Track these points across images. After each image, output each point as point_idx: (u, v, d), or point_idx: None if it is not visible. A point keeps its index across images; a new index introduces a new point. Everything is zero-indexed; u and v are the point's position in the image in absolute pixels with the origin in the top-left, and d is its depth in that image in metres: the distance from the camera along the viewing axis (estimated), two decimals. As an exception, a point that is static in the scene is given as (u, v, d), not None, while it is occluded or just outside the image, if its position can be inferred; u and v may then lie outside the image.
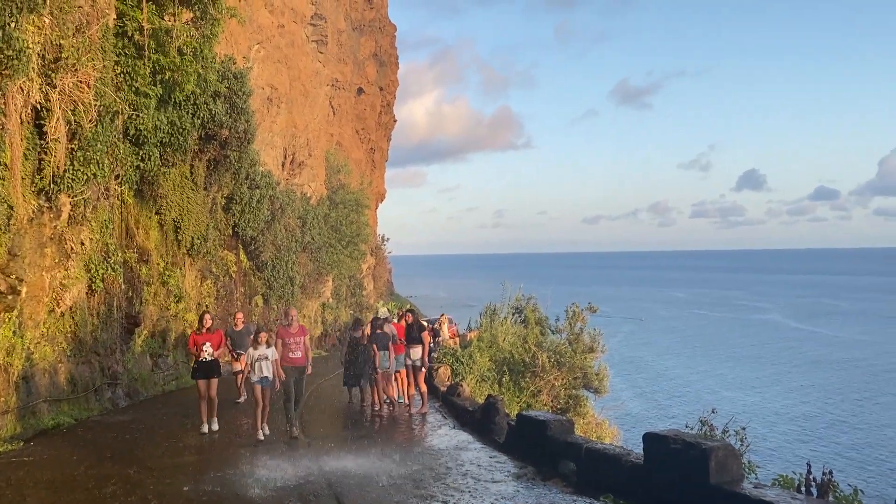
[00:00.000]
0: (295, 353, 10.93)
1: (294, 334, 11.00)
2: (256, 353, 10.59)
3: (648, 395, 39.69)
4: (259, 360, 10.54)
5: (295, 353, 10.93)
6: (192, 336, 11.27)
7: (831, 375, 45.95)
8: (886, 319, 76.92)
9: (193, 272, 18.15)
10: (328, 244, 28.37)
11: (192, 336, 11.32)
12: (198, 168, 17.98)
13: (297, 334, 11.04)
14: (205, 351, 10.94)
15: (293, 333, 10.99)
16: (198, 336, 11.14)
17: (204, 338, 11.08)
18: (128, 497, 7.46)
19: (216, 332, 11.41)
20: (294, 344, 10.94)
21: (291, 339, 10.94)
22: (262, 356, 10.55)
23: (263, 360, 10.53)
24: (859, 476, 20.70)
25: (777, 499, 6.34)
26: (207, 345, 11.00)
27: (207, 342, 11.03)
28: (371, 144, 42.80)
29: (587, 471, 8.36)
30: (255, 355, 10.57)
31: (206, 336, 11.10)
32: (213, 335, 11.24)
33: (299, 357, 10.99)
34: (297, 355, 10.95)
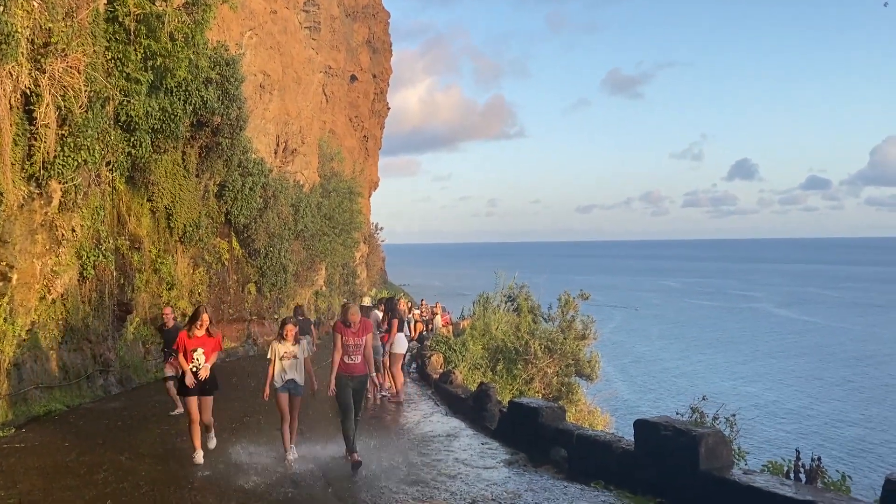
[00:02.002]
0: (353, 358, 8.52)
1: (355, 334, 8.52)
2: (281, 349, 8.59)
3: (640, 383, 39.91)
4: (284, 360, 8.56)
5: (353, 359, 8.52)
6: (183, 336, 8.63)
7: (821, 364, 46.27)
8: (876, 308, 77.41)
9: (186, 260, 18.10)
10: (321, 232, 28.32)
11: (181, 336, 8.68)
12: (190, 155, 17.89)
13: (359, 333, 8.56)
14: (196, 360, 8.49)
15: (354, 333, 8.52)
16: (189, 338, 8.56)
17: (197, 342, 8.56)
18: (120, 483, 7.47)
19: (214, 336, 8.79)
20: (354, 348, 8.52)
21: (351, 339, 8.52)
22: (288, 355, 8.59)
23: (290, 361, 8.58)
24: (847, 462, 20.94)
25: (766, 484, 6.39)
26: (199, 351, 8.52)
27: (200, 348, 8.53)
28: (364, 132, 42.66)
29: (578, 457, 8.41)
30: (280, 352, 8.58)
31: (198, 340, 8.56)
32: (211, 339, 8.69)
33: (358, 364, 8.54)
34: (355, 361, 8.52)
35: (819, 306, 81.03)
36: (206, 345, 8.64)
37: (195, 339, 8.58)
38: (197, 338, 8.59)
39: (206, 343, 8.64)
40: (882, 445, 27.81)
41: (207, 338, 8.67)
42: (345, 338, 8.52)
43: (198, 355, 8.55)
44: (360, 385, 8.62)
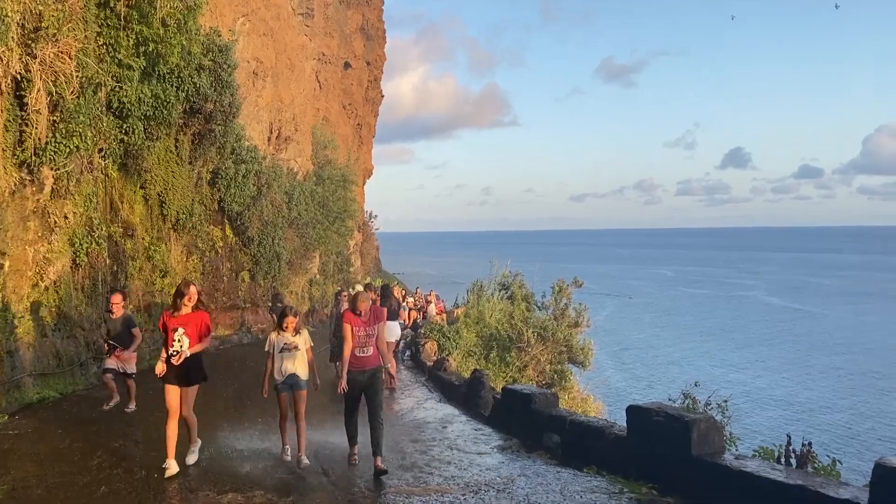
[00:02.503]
0: (364, 350, 7.49)
1: (365, 323, 7.51)
2: (280, 341, 7.66)
3: (633, 371, 40.10)
4: (284, 353, 7.66)
5: (364, 351, 7.49)
6: (163, 318, 7.46)
7: (812, 351, 46.57)
8: (866, 297, 77.83)
9: (179, 247, 18.05)
10: (315, 220, 28.25)
11: (163, 317, 7.49)
12: (182, 142, 17.80)
13: (371, 322, 7.54)
14: (176, 341, 7.22)
15: (364, 322, 7.50)
16: (171, 317, 7.37)
17: (179, 320, 7.32)
18: (114, 469, 7.48)
19: (199, 314, 7.45)
20: (365, 337, 7.51)
21: (362, 329, 7.49)
22: (288, 346, 7.67)
23: (291, 353, 7.68)
24: (834, 448, 21.12)
25: (757, 469, 6.46)
26: (180, 332, 7.23)
27: (181, 327, 7.25)
28: (358, 120, 42.51)
29: (571, 443, 8.48)
30: (279, 344, 7.66)
31: (182, 318, 7.33)
32: (194, 316, 7.39)
33: (369, 356, 7.52)
34: (367, 353, 7.50)
35: (810, 294, 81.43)
36: (189, 323, 7.27)
37: (178, 317, 7.30)
38: (179, 317, 7.29)
39: (188, 321, 7.27)
40: (868, 432, 28.12)
41: (192, 315, 7.32)
42: (355, 328, 7.49)
43: (178, 336, 7.19)
44: (373, 379, 7.55)
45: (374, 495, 6.76)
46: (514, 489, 6.98)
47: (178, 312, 7.36)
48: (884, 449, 22.42)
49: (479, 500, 6.63)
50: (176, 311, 7.38)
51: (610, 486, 7.05)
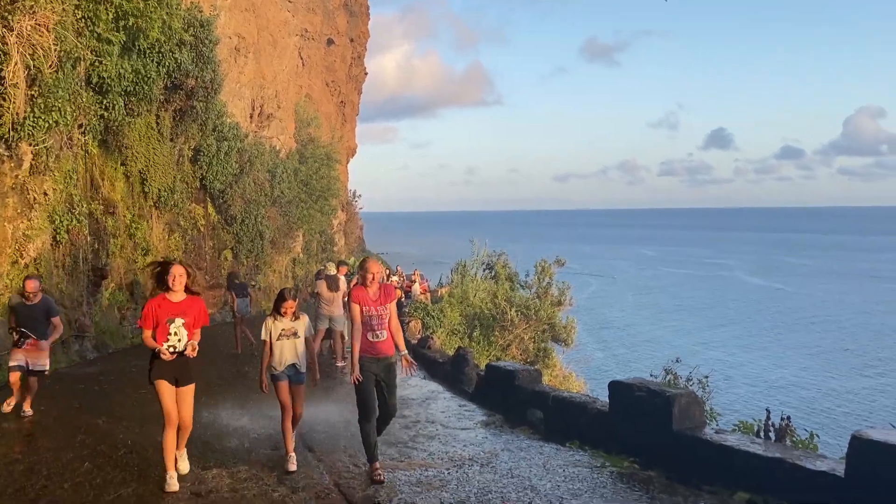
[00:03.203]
0: (378, 333, 6.51)
1: (375, 302, 6.53)
2: (278, 327, 6.87)
3: (615, 349, 40.48)
4: (282, 340, 6.86)
5: (378, 335, 6.51)
6: (151, 306, 6.11)
7: (791, 329, 47.23)
8: (845, 276, 78.87)
9: (161, 225, 17.92)
10: (298, 199, 28.12)
11: (149, 305, 6.13)
12: (164, 119, 17.61)
13: (381, 301, 6.56)
14: (172, 334, 6.08)
15: (375, 301, 6.53)
16: (160, 304, 6.12)
17: (172, 308, 6.11)
18: (97, 445, 7.47)
19: (196, 300, 6.31)
20: (377, 319, 6.51)
21: (373, 309, 6.51)
22: (286, 333, 6.88)
23: (289, 340, 6.89)
24: (815, 421, 21.54)
25: (737, 443, 6.57)
26: (178, 323, 6.09)
27: (178, 317, 6.10)
28: (341, 97, 42.16)
29: (554, 418, 8.56)
30: (277, 331, 6.86)
31: (179, 306, 6.14)
32: (192, 303, 6.24)
33: (384, 341, 6.54)
34: (380, 338, 6.52)
35: (789, 274, 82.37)
36: (188, 311, 6.15)
37: (170, 304, 6.11)
38: (172, 303, 6.12)
39: (187, 309, 6.16)
40: (841, 407, 28.75)
41: (190, 300, 6.23)
42: (365, 308, 6.51)
43: (175, 327, 6.07)
44: (389, 370, 6.59)
45: (358, 471, 6.80)
46: (498, 463, 7.05)
47: (167, 298, 6.14)
48: (856, 424, 22.86)
49: (463, 474, 6.69)
50: (167, 296, 6.14)
51: (592, 461, 7.14)
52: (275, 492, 6.17)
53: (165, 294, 6.16)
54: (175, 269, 6.20)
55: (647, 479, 6.57)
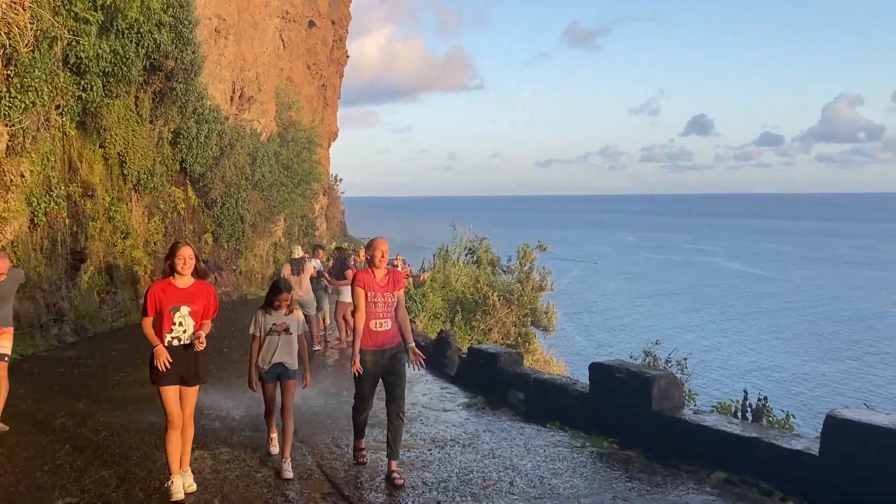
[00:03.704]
0: (382, 322, 5.95)
1: (383, 287, 5.97)
2: (270, 321, 6.24)
3: (595, 334, 40.77)
4: (273, 336, 6.22)
5: (381, 324, 5.95)
6: (155, 291, 5.37)
7: (768, 314, 47.83)
8: (822, 262, 79.88)
9: (140, 208, 17.73)
10: (279, 182, 27.90)
11: (152, 290, 5.39)
12: (143, 100, 17.38)
13: (389, 287, 6.01)
14: (176, 324, 5.34)
15: (382, 287, 5.97)
16: (164, 290, 5.38)
17: (178, 295, 5.37)
18: (78, 428, 7.45)
19: (205, 286, 5.57)
20: (383, 307, 5.95)
21: (379, 295, 5.94)
22: (278, 328, 6.23)
23: (281, 337, 6.23)
24: (790, 403, 21.90)
25: (715, 423, 6.68)
26: (185, 311, 5.35)
27: (184, 305, 5.35)
28: (323, 80, 41.79)
29: (535, 400, 8.65)
30: (268, 325, 6.22)
31: (185, 292, 5.40)
32: (200, 289, 5.49)
33: (388, 331, 5.98)
34: (385, 327, 5.96)
35: (767, 259, 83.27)
36: (196, 299, 5.41)
37: (176, 290, 5.37)
38: (178, 289, 5.38)
39: (195, 296, 5.41)
40: (816, 389, 29.32)
41: (199, 286, 5.49)
42: (370, 293, 5.91)
43: (180, 316, 5.33)
44: (395, 361, 6.00)
45: (341, 451, 6.83)
46: (479, 444, 7.12)
47: (174, 284, 5.39)
48: (830, 405, 23.33)
49: (445, 455, 6.75)
50: (172, 281, 5.41)
51: (572, 441, 7.23)
52: (257, 473, 6.19)
53: (171, 278, 5.41)
54: (184, 250, 5.40)
55: (626, 459, 6.66)
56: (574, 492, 5.78)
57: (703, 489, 5.86)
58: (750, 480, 6.00)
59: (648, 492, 5.80)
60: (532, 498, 5.62)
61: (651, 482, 6.02)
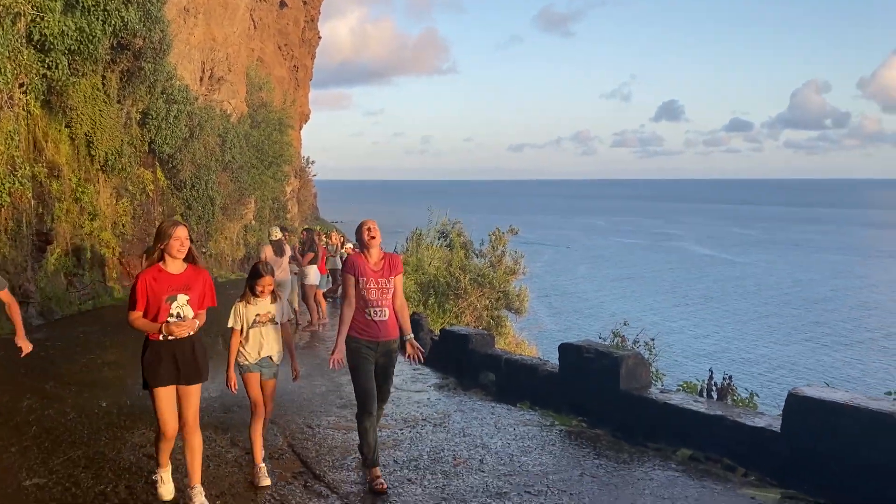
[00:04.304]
0: (378, 311, 5.39)
1: (377, 272, 5.43)
2: (252, 312, 5.43)
3: (566, 317, 41.16)
4: (256, 328, 5.42)
5: (378, 313, 5.39)
6: (145, 278, 4.64)
7: (734, 297, 48.67)
8: (789, 247, 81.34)
9: (108, 189, 17.46)
10: (250, 164, 27.64)
11: (142, 280, 4.64)
12: (110, 80, 17.06)
13: (384, 272, 5.45)
14: (173, 315, 4.68)
15: (376, 272, 5.43)
16: (156, 277, 4.67)
17: (172, 282, 4.69)
18: (45, 410, 7.37)
19: (201, 272, 4.88)
20: (378, 293, 5.40)
21: (372, 280, 5.39)
22: (262, 318, 5.44)
23: (266, 328, 5.45)
24: (755, 382, 22.40)
25: (681, 402, 6.82)
26: (181, 300, 4.69)
27: (181, 293, 4.70)
28: (294, 62, 41.36)
29: (506, 380, 8.75)
30: (251, 317, 5.43)
31: (180, 278, 4.73)
32: (196, 275, 4.82)
33: (385, 321, 5.43)
34: (382, 317, 5.40)
35: (734, 244, 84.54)
36: (193, 286, 4.75)
37: (169, 277, 4.68)
38: (172, 276, 4.69)
39: (191, 282, 4.75)
40: (778, 368, 30.05)
41: (194, 272, 4.81)
42: (362, 279, 5.36)
43: (178, 307, 4.68)
44: (387, 359, 5.51)
45: (312, 432, 6.86)
46: (450, 423, 7.19)
47: (166, 269, 4.70)
48: (792, 384, 23.91)
49: (417, 434, 6.81)
50: (164, 266, 4.70)
51: (542, 420, 7.33)
52: (228, 453, 6.20)
53: (161, 264, 4.70)
54: (180, 230, 4.71)
55: (594, 437, 6.78)
56: (543, 469, 5.88)
57: (668, 465, 5.99)
58: (714, 457, 6.14)
59: (615, 468, 5.92)
60: (501, 475, 5.70)
61: (618, 459, 6.14)
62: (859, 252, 75.93)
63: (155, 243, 4.76)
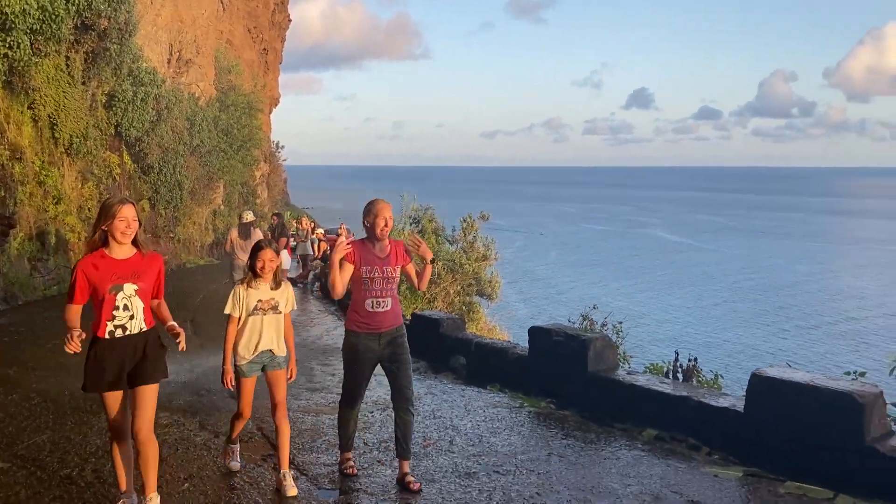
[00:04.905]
0: (380, 302, 4.95)
1: (383, 260, 4.97)
2: (254, 298, 4.81)
3: (537, 302, 41.48)
4: (257, 316, 4.81)
5: (380, 304, 4.95)
6: (85, 265, 4.00)
7: (704, 284, 49.41)
8: (756, 234, 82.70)
9: (73, 173, 17.15)
10: (218, 148, 27.30)
11: (80, 269, 4.00)
12: (74, 60, 16.72)
13: (392, 260, 5.00)
14: (120, 309, 4.01)
15: (381, 260, 4.96)
16: (97, 265, 4.01)
17: (118, 269, 4.03)
18: (9, 395, 7.26)
19: (152, 257, 4.22)
20: (382, 282, 4.95)
21: (377, 269, 4.93)
22: (264, 305, 4.82)
23: (269, 316, 4.83)
24: (719, 364, 22.81)
25: (647, 383, 6.92)
26: (128, 290, 4.02)
27: (129, 282, 4.02)
28: (264, 45, 40.82)
29: (476, 364, 8.80)
30: (252, 302, 4.80)
31: (122, 265, 4.05)
32: (146, 261, 4.16)
33: (387, 312, 4.99)
34: (384, 307, 4.97)
35: (702, 231, 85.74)
36: (143, 273, 4.08)
37: (114, 264, 4.01)
38: (117, 262, 4.02)
39: (140, 269, 4.08)
40: (743, 351, 30.71)
41: (144, 259, 4.14)
42: (369, 269, 4.92)
43: (125, 299, 3.99)
44: (395, 346, 5.06)
45: (282, 415, 6.84)
46: (421, 405, 7.22)
47: (113, 255, 4.02)
48: (755, 365, 24.42)
49: (387, 416, 6.84)
50: (107, 252, 4.02)
51: (511, 402, 7.40)
52: (197, 436, 6.17)
53: (105, 249, 4.02)
54: (126, 209, 4.02)
55: (562, 418, 6.87)
56: (511, 449, 5.95)
57: (634, 445, 6.10)
58: (679, 437, 6.26)
59: (583, 448, 6.00)
60: (471, 455, 5.76)
61: (585, 439, 6.23)
62: (822, 239, 77.58)
63: (97, 224, 4.05)
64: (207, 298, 15.70)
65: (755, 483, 5.29)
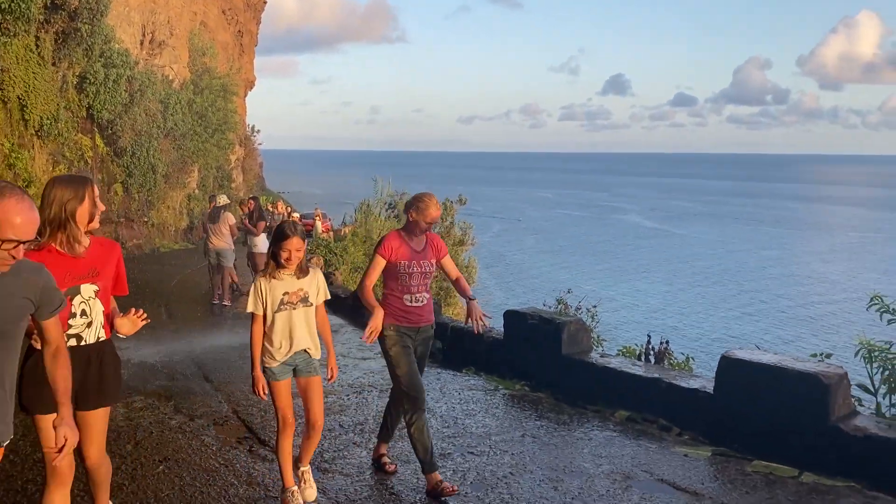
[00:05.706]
0: (417, 297, 4.76)
1: (420, 254, 4.76)
2: (279, 290, 4.16)
3: (513, 288, 41.73)
4: (286, 312, 4.16)
5: (417, 299, 4.76)
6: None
7: (676, 269, 50.01)
8: (728, 220, 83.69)
9: (44, 156, 16.88)
10: (193, 131, 26.97)
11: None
12: (44, 41, 16.41)
13: (429, 254, 4.81)
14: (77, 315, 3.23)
15: (418, 253, 4.75)
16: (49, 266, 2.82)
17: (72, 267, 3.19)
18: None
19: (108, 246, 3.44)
20: (420, 276, 4.75)
21: (414, 264, 4.72)
22: (292, 298, 4.17)
23: (297, 311, 4.19)
24: (690, 346, 23.17)
25: (620, 366, 7.03)
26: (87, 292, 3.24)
27: (86, 283, 3.23)
28: (239, 27, 40.27)
29: (452, 347, 8.87)
30: (278, 296, 4.15)
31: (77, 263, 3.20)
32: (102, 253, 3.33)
33: (425, 306, 4.84)
34: (419, 302, 4.78)
35: (678, 216, 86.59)
36: (102, 270, 3.34)
37: (67, 262, 3.20)
38: (71, 259, 3.22)
39: (99, 264, 3.33)
40: (714, 333, 31.21)
41: (99, 249, 3.38)
42: (406, 264, 4.69)
43: (82, 303, 3.24)
44: (425, 347, 4.97)
45: (257, 399, 6.84)
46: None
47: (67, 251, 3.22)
48: (725, 348, 24.88)
49: (363, 399, 6.89)
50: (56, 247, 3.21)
51: (486, 384, 7.48)
52: (171, 420, 6.17)
53: (54, 244, 3.20)
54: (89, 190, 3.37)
55: (536, 400, 6.96)
56: (486, 430, 6.02)
57: (606, 426, 6.20)
58: (650, 417, 6.37)
59: (556, 429, 6.10)
60: (446, 437, 5.82)
61: (559, 421, 6.33)
62: (791, 225, 78.77)
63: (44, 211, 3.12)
64: (182, 283, 15.62)
65: (723, 462, 5.41)
